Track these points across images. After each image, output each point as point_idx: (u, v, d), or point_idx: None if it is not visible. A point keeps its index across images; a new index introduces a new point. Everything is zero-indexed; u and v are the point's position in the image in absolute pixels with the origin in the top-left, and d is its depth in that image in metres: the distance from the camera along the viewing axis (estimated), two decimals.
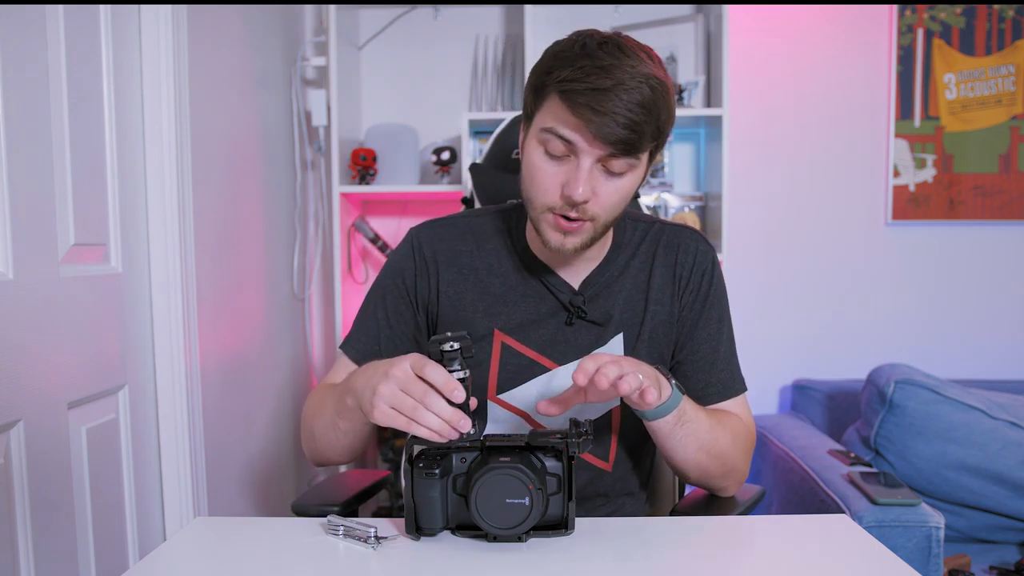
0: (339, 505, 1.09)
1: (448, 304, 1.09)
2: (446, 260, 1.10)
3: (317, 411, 1.06)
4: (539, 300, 1.08)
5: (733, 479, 1.07)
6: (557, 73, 0.90)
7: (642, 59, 0.90)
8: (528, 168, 0.97)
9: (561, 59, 0.90)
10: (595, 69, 0.87)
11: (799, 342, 2.44)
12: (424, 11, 2.43)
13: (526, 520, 0.80)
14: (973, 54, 2.33)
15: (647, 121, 0.89)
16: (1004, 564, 1.62)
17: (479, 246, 1.11)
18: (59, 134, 1.27)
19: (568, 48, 0.91)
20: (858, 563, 0.82)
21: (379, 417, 0.83)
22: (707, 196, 2.31)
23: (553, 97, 0.91)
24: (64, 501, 1.28)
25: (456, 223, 1.14)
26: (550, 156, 0.94)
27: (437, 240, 1.11)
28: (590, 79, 0.87)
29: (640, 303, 1.08)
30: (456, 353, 0.84)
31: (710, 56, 2.24)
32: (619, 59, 0.88)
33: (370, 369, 0.89)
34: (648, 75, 0.89)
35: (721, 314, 1.11)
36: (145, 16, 1.52)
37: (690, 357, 1.09)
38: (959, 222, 2.38)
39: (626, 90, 0.87)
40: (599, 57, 0.88)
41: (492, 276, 1.09)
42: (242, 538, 0.90)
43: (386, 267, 1.14)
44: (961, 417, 1.73)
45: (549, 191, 0.94)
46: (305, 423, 1.10)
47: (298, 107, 2.29)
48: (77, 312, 1.32)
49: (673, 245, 1.10)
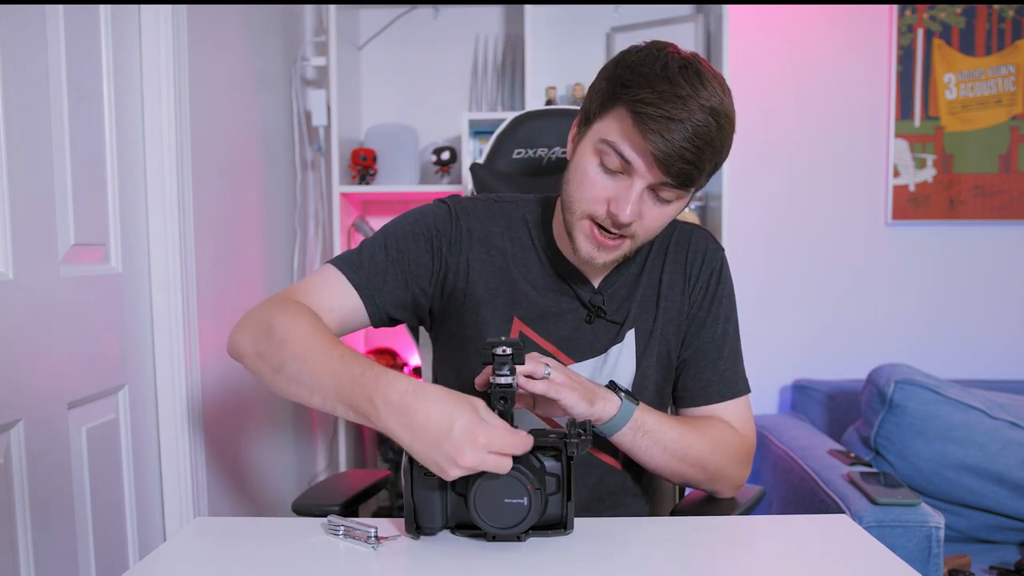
0: (339, 505, 1.09)
1: (474, 282, 1.06)
2: (480, 238, 1.07)
3: (298, 351, 0.87)
4: (560, 295, 1.07)
5: (724, 484, 1.07)
6: (634, 90, 0.88)
7: (715, 91, 0.89)
8: (578, 173, 0.96)
9: (640, 75, 0.88)
10: (673, 97, 0.86)
11: (799, 342, 2.44)
12: (424, 11, 2.43)
13: (525, 520, 0.80)
14: (973, 54, 2.33)
15: (710, 159, 0.89)
16: (1004, 564, 1.62)
17: (508, 230, 1.09)
18: (59, 134, 1.27)
19: (648, 64, 0.89)
20: (858, 563, 0.82)
21: (447, 475, 0.78)
22: (707, 196, 2.31)
23: (623, 112, 0.90)
24: (64, 501, 1.28)
25: (488, 203, 1.11)
26: (604, 169, 0.93)
27: (474, 215, 1.08)
28: (667, 106, 0.86)
29: (652, 300, 1.09)
30: (507, 359, 0.83)
31: (710, 56, 2.24)
32: (696, 89, 0.87)
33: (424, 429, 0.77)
34: (720, 111, 0.88)
35: (728, 314, 1.11)
36: (145, 16, 1.52)
37: (695, 355, 1.10)
38: (959, 222, 2.38)
39: (698, 125, 0.86)
40: (679, 83, 0.86)
41: (516, 263, 1.08)
42: (242, 538, 0.90)
43: (416, 216, 1.07)
44: (961, 417, 1.73)
45: (596, 202, 0.94)
46: (272, 339, 0.90)
47: (298, 107, 2.29)
48: (77, 312, 1.32)
49: (684, 243, 1.11)
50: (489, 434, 0.76)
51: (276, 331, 0.90)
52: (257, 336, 0.92)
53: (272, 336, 0.90)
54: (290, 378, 0.88)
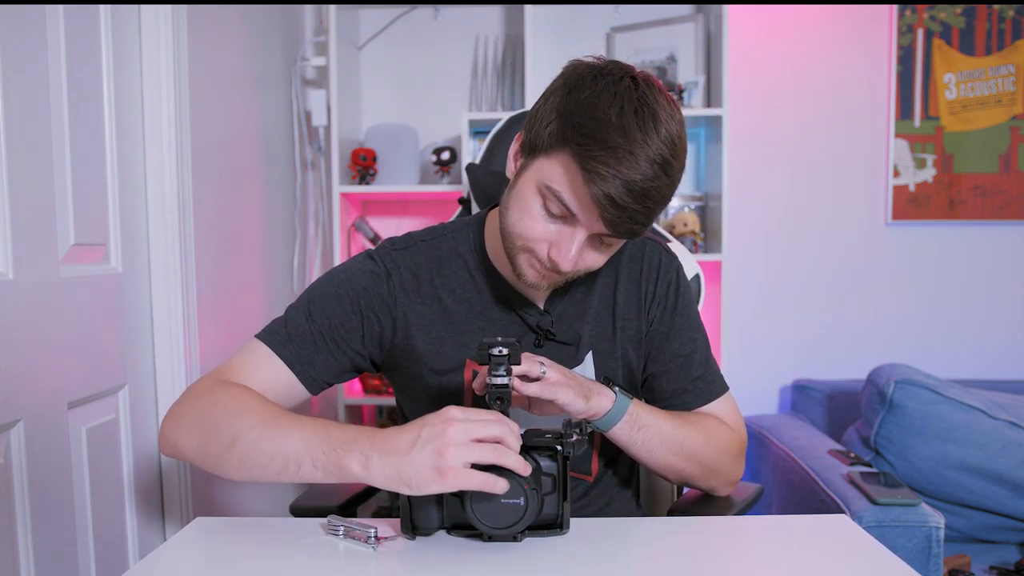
0: (339, 505, 1.09)
1: (414, 337, 1.02)
2: (413, 290, 1.03)
3: (249, 432, 0.86)
4: (506, 324, 1.04)
5: (720, 480, 1.07)
6: (585, 141, 0.83)
7: (670, 131, 0.85)
8: (519, 208, 0.91)
9: (593, 119, 0.83)
10: (627, 154, 0.82)
11: (799, 342, 2.43)
12: (424, 11, 2.43)
13: (521, 520, 0.80)
14: (973, 54, 2.33)
15: (658, 210, 0.87)
16: (1004, 564, 1.62)
17: (439, 271, 1.04)
18: (59, 134, 1.28)
19: (603, 108, 0.83)
20: (858, 563, 0.82)
21: (454, 485, 0.77)
22: (707, 196, 2.31)
23: (570, 159, 0.85)
24: (64, 501, 1.28)
25: (417, 247, 1.06)
26: (547, 212, 0.90)
27: (404, 267, 1.04)
28: (619, 166, 0.82)
29: (608, 320, 1.07)
30: (504, 359, 0.82)
31: (710, 56, 2.24)
32: (649, 137, 0.83)
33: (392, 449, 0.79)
34: (671, 162, 0.85)
35: (691, 322, 1.09)
36: (145, 16, 1.52)
37: (663, 369, 1.08)
38: (959, 222, 2.38)
39: (649, 184, 0.83)
40: (632, 135, 0.82)
41: (456, 303, 1.03)
42: (242, 538, 0.90)
43: (340, 277, 1.03)
44: (961, 417, 1.73)
45: (537, 242, 0.91)
46: (207, 422, 0.90)
47: (298, 107, 2.30)
48: (77, 312, 1.32)
49: (636, 260, 1.08)
50: (463, 422, 0.78)
51: (226, 407, 0.90)
52: (199, 420, 0.91)
53: (223, 413, 0.89)
54: (245, 452, 0.86)
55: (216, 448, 0.88)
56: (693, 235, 2.22)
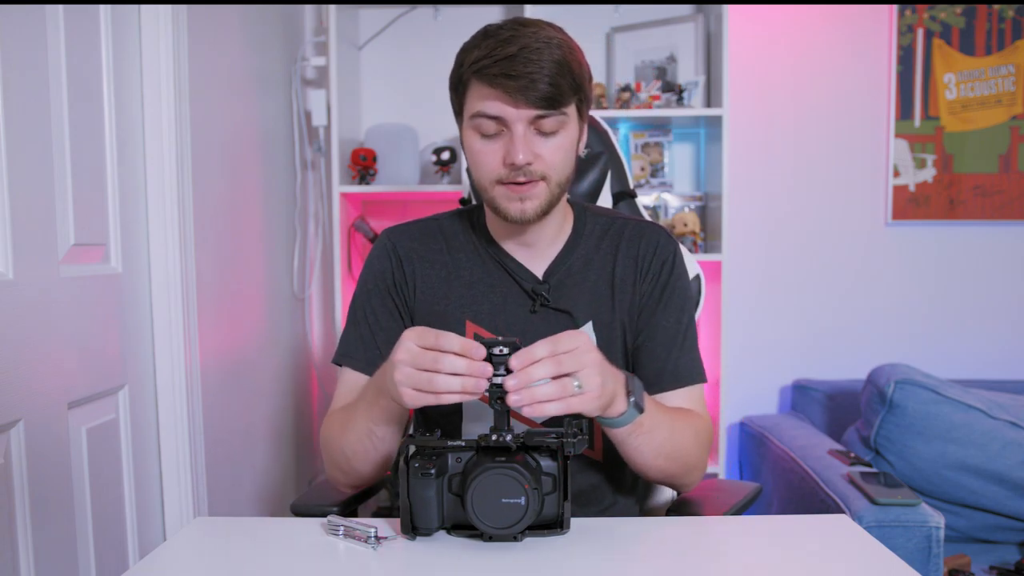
0: (339, 505, 1.09)
1: (423, 299, 1.11)
2: (420, 257, 1.12)
3: (344, 432, 1.03)
4: (506, 289, 1.10)
5: (692, 478, 1.08)
6: (467, 62, 0.96)
7: (542, 26, 0.97)
8: (470, 155, 1.02)
9: (468, 49, 0.98)
10: (500, 43, 0.94)
11: (799, 342, 2.43)
12: (424, 11, 2.43)
13: (522, 520, 0.80)
14: (973, 54, 2.33)
15: (560, 73, 0.94)
16: (1004, 564, 1.62)
17: (448, 243, 1.14)
18: (59, 134, 1.28)
19: (472, 39, 0.98)
20: (858, 563, 0.82)
21: (410, 402, 0.83)
22: (707, 196, 2.31)
23: (472, 83, 0.97)
24: (64, 501, 1.28)
25: (425, 224, 1.17)
26: (485, 137, 0.99)
27: (409, 240, 1.14)
28: (497, 51, 0.93)
29: (607, 293, 1.10)
30: (504, 359, 0.82)
31: (710, 56, 2.24)
32: (519, 30, 0.95)
33: (388, 364, 0.89)
34: (550, 37, 0.95)
35: (682, 304, 1.11)
36: (145, 16, 1.52)
37: (647, 343, 1.09)
38: (959, 222, 2.38)
39: (533, 51, 0.93)
40: (500, 34, 0.95)
41: (461, 270, 1.12)
42: (242, 538, 0.90)
43: (365, 273, 1.15)
44: (961, 417, 1.73)
45: (494, 167, 0.99)
46: (331, 449, 1.06)
47: (298, 107, 2.30)
48: (77, 312, 1.32)
49: (636, 238, 1.12)
50: (415, 332, 0.83)
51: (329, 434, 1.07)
52: (326, 455, 1.09)
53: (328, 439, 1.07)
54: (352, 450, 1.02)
55: (343, 463, 1.04)
56: (693, 235, 2.22)
